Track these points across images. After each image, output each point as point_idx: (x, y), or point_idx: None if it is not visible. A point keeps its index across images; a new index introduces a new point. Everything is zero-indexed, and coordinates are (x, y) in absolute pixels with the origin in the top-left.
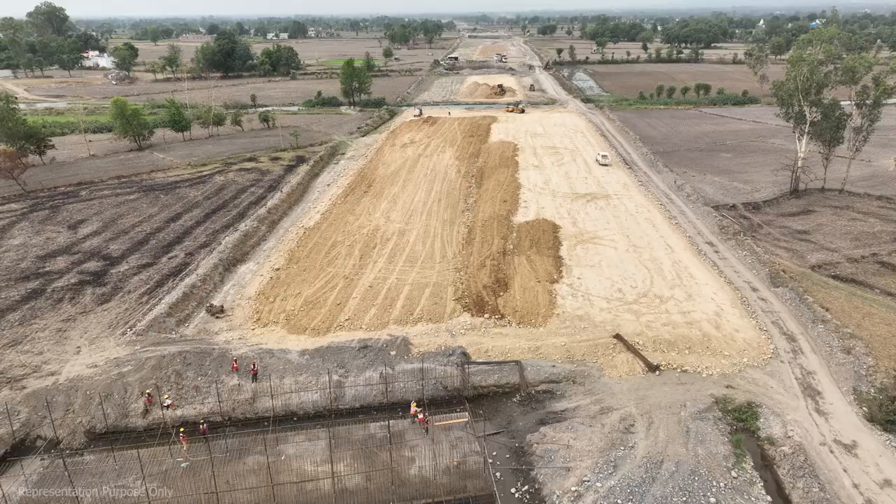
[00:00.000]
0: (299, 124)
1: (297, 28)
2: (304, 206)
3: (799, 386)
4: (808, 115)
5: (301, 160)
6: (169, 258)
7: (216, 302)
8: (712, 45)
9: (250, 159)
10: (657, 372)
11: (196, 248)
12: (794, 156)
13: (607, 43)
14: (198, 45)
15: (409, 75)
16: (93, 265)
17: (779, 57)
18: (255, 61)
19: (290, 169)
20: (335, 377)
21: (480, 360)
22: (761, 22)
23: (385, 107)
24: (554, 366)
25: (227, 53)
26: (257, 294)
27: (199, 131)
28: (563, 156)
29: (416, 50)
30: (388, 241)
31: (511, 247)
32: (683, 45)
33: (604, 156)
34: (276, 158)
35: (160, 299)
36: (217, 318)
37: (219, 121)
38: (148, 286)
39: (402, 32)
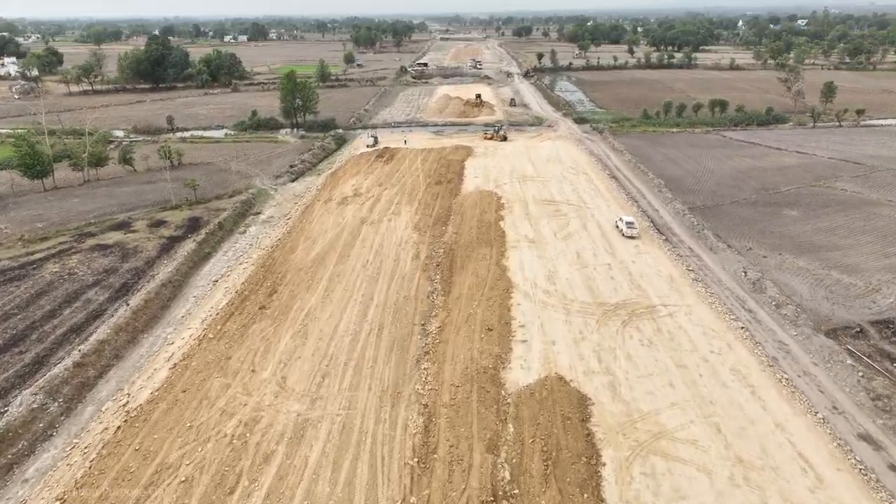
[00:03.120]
0: (216, 159)
1: (258, 30)
2: (154, 338)
3: None
4: None
5: (195, 226)
6: None
7: None
8: (700, 48)
9: (121, 225)
10: None
11: None
12: None
13: (590, 46)
14: (120, 52)
15: (370, 85)
16: None
17: (777, 61)
18: (192, 70)
19: (170, 245)
20: None
21: None
22: (740, 23)
23: (333, 132)
24: None
25: (157, 61)
26: None
27: (73, 174)
28: (568, 217)
29: (383, 54)
30: (266, 463)
31: (508, 472)
32: (670, 47)
33: (629, 223)
34: (160, 223)
35: None
36: None
37: (97, 161)
38: None
39: (367, 35)
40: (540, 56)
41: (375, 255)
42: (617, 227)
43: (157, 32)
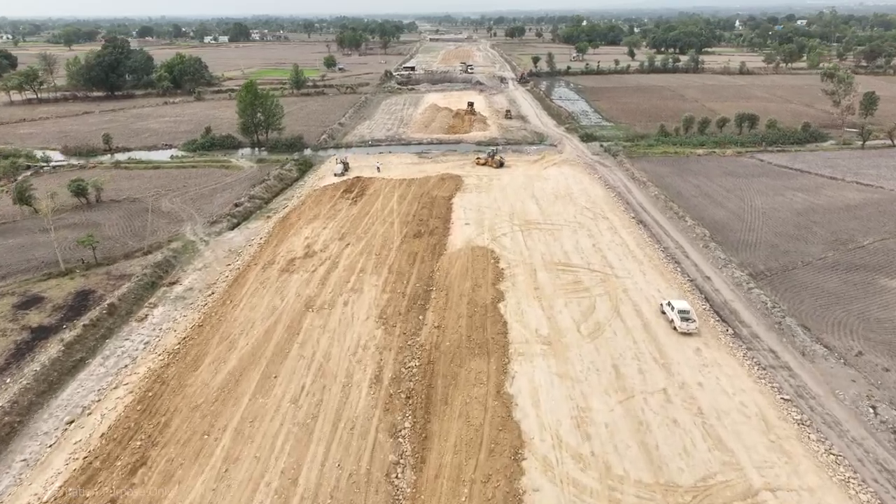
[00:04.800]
0: (148, 193)
1: (240, 31)
2: None
3: None
4: None
5: (80, 307)
6: None
7: None
8: (703, 50)
9: None
10: None
11: None
12: None
13: (587, 48)
14: (69, 57)
15: (350, 93)
16: None
17: (790, 66)
18: (153, 76)
19: (30, 345)
20: None
21: None
22: (737, 23)
23: (298, 155)
24: None
25: (111, 67)
26: None
27: None
28: (593, 293)
29: (369, 56)
30: None
31: None
32: (671, 49)
33: (684, 314)
34: (32, 302)
35: None
36: None
37: None
38: None
39: (351, 36)
40: (536, 60)
41: (316, 376)
42: (663, 312)
43: (134, 33)
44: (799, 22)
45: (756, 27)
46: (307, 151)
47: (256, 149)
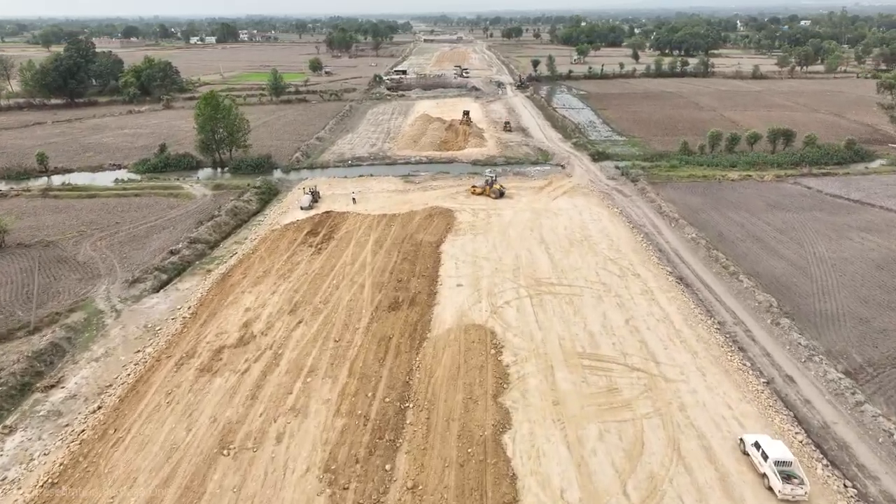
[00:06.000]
0: (69, 232)
1: (227, 31)
2: None
3: None
4: None
5: None
6: None
7: None
8: (710, 52)
9: None
10: None
11: None
12: None
13: (589, 50)
14: (23, 62)
15: (335, 100)
16: None
17: (806, 69)
18: (119, 82)
19: None
20: None
21: None
22: (738, 24)
23: (259, 182)
24: None
25: (70, 72)
26: None
27: None
28: (637, 415)
29: (359, 58)
30: None
31: None
32: (676, 52)
33: (786, 471)
34: None
35: None
36: None
37: None
38: None
39: (341, 37)
40: (536, 63)
41: None
42: (744, 452)
43: (119, 33)
44: (803, 22)
45: (761, 28)
46: (276, 173)
47: (218, 169)
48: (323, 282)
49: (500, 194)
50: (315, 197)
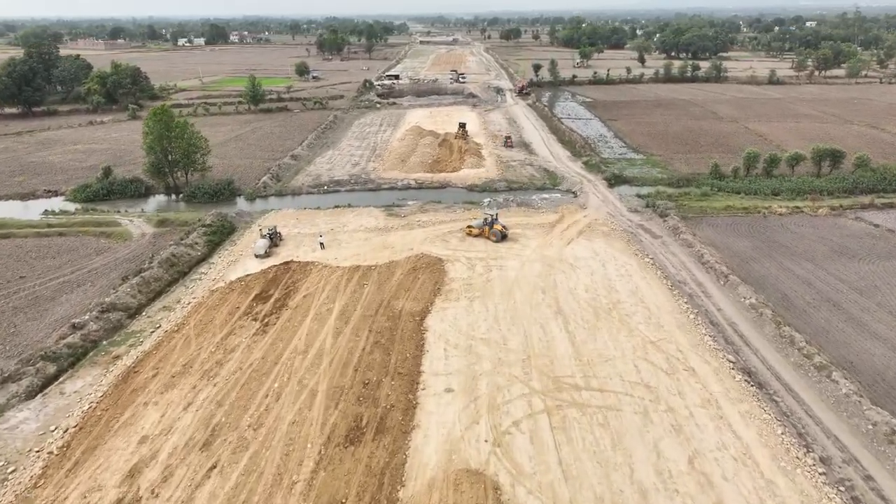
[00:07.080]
0: None
1: (217, 32)
2: None
3: None
4: None
5: None
6: None
7: None
8: (719, 54)
9: None
10: None
11: None
12: None
13: (592, 53)
14: None
15: (319, 108)
16: None
17: (825, 74)
18: (83, 89)
19: None
20: None
21: None
22: (741, 25)
23: (211, 217)
24: None
25: (25, 78)
26: None
27: None
28: None
29: (351, 61)
30: None
31: None
32: (683, 54)
33: None
34: None
35: None
36: None
37: None
38: None
39: (332, 39)
40: (537, 67)
41: None
42: None
43: (106, 35)
44: (808, 23)
45: (768, 30)
46: (239, 201)
47: (172, 196)
48: (260, 386)
49: (503, 237)
50: (274, 240)
